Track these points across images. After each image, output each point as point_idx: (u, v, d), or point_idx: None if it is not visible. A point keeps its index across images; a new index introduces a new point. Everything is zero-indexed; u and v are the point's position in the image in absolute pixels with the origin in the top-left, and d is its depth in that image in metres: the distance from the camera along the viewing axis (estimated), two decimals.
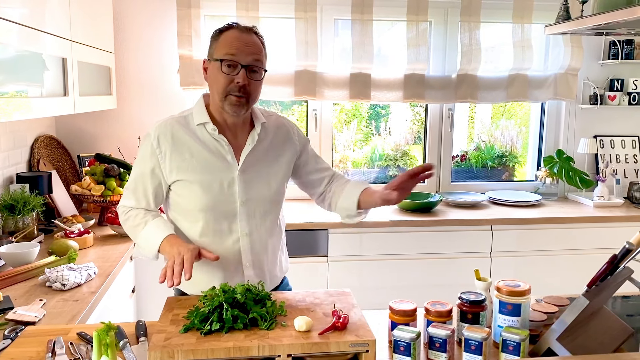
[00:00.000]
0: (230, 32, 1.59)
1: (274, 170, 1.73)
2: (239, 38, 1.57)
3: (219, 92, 1.58)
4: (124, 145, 3.23)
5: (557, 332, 1.31)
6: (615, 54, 3.51)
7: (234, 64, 1.55)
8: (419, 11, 3.27)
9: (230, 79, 1.56)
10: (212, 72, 1.59)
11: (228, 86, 1.56)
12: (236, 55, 1.55)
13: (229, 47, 1.56)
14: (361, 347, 1.29)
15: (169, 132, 1.63)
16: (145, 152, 1.63)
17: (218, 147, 1.64)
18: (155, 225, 1.62)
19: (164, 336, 1.29)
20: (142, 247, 1.64)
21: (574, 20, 1.90)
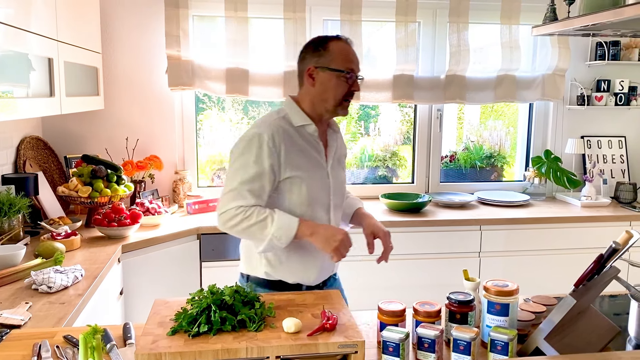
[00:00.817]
0: (339, 44, 1.75)
1: (343, 165, 1.95)
2: (350, 51, 1.76)
3: (337, 98, 1.75)
4: (112, 146, 3.21)
5: (544, 331, 1.31)
6: (601, 55, 3.54)
7: (352, 74, 1.74)
8: (408, 12, 3.28)
9: (347, 87, 1.74)
10: (329, 80, 1.73)
11: (343, 94, 1.75)
12: (353, 67, 1.75)
13: (345, 60, 1.74)
14: (350, 348, 1.29)
15: (281, 131, 1.73)
16: (262, 152, 1.68)
17: (316, 147, 1.80)
18: (283, 214, 1.68)
19: (151, 339, 1.28)
20: (277, 235, 1.66)
21: (560, 21, 1.92)
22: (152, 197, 3.11)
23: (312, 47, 1.77)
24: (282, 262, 1.78)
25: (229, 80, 3.19)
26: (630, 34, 2.12)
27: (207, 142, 3.55)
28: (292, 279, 1.80)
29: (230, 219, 1.68)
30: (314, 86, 1.75)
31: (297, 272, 1.80)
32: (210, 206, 3.16)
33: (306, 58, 1.77)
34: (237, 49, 3.17)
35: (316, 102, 1.77)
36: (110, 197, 2.72)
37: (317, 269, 1.81)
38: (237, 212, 1.67)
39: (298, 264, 1.79)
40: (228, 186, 1.72)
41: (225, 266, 2.88)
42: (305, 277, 1.81)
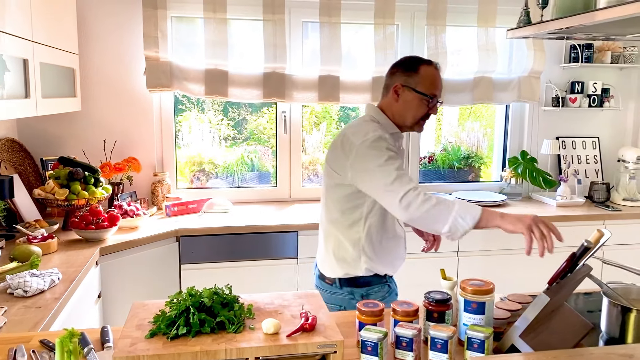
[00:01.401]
0: (430, 69, 1.89)
1: None
2: (437, 77, 1.90)
3: (416, 117, 1.91)
4: (89, 148, 3.17)
5: (519, 329, 1.34)
6: (575, 57, 3.61)
7: (434, 99, 1.89)
8: (386, 15, 3.30)
9: (426, 110, 1.90)
10: (412, 100, 1.88)
11: (421, 115, 1.90)
12: (436, 93, 1.89)
13: (431, 85, 1.88)
14: (329, 348, 1.30)
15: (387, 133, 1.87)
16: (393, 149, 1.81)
17: (402, 152, 2.01)
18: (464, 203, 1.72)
19: (129, 341, 1.27)
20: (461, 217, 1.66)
21: (534, 24, 1.96)
22: (130, 200, 3.08)
23: (404, 67, 1.91)
24: (379, 254, 1.94)
25: (207, 82, 3.18)
26: (602, 37, 2.17)
27: (186, 144, 3.54)
28: (384, 270, 1.98)
29: (412, 201, 1.68)
30: (397, 102, 1.90)
31: (388, 263, 1.98)
32: (189, 208, 3.14)
33: (396, 74, 1.91)
34: (216, 50, 3.16)
35: (396, 115, 1.93)
36: (87, 199, 2.69)
37: (400, 259, 2.04)
38: (415, 193, 1.70)
39: (389, 256, 1.98)
40: (386, 178, 1.73)
41: (205, 268, 2.88)
42: (392, 267, 2.01)
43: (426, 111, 1.90)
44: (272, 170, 3.64)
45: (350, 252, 1.93)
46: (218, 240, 2.90)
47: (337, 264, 1.96)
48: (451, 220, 1.66)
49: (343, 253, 1.95)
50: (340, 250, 1.95)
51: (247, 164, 3.63)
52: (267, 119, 3.62)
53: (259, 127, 3.65)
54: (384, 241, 1.94)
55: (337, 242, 1.96)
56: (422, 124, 1.95)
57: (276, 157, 3.56)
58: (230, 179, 3.62)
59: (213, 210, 3.10)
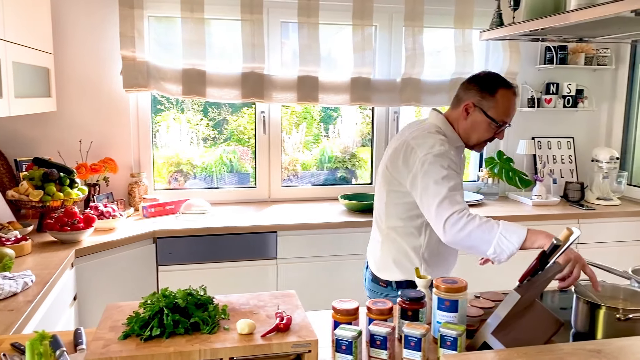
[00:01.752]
0: (508, 94, 1.83)
1: None
2: (512, 104, 1.85)
3: (480, 139, 1.90)
4: (65, 149, 3.13)
5: (492, 326, 1.36)
6: (550, 58, 3.67)
7: (503, 125, 1.85)
8: (364, 16, 3.32)
9: (492, 133, 1.87)
10: (481, 123, 1.85)
11: (486, 137, 1.89)
12: (507, 120, 1.85)
13: (504, 113, 1.84)
14: (303, 348, 1.30)
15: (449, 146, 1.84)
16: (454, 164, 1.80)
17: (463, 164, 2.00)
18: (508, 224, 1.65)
19: (102, 343, 1.26)
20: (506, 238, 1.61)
21: (506, 26, 1.99)
22: (106, 201, 3.05)
23: (481, 85, 1.85)
24: (437, 262, 1.96)
25: (185, 82, 3.17)
26: (573, 39, 2.21)
27: (163, 144, 3.51)
28: (437, 275, 1.91)
29: (455, 223, 1.66)
30: (465, 119, 1.88)
31: (444, 269, 2.00)
32: (167, 209, 3.12)
33: (471, 91, 1.86)
34: (194, 49, 3.14)
35: (461, 132, 1.91)
36: (62, 200, 2.66)
37: (453, 264, 2.06)
38: (459, 215, 1.66)
39: (445, 262, 2.00)
40: (437, 197, 1.71)
41: (183, 270, 2.86)
42: (445, 272, 2.02)
43: (492, 135, 1.88)
44: (251, 170, 3.63)
45: (411, 259, 1.94)
46: (196, 241, 2.88)
47: (396, 268, 1.97)
48: (495, 242, 1.62)
49: (403, 259, 1.96)
50: (400, 255, 1.96)
51: (226, 164, 3.62)
52: (247, 120, 3.61)
53: (239, 128, 3.64)
54: (442, 248, 1.93)
55: (397, 248, 1.97)
56: (484, 146, 1.95)
57: (255, 157, 3.56)
58: (208, 180, 3.60)
59: (191, 211, 3.08)
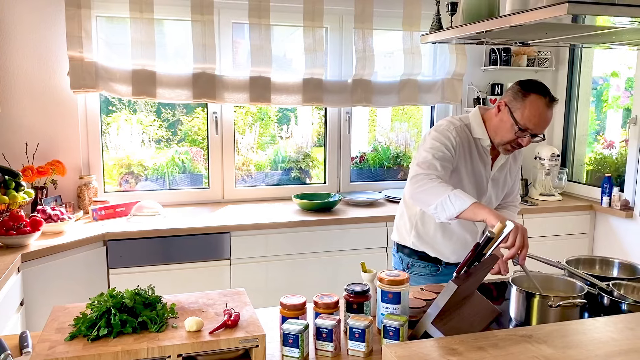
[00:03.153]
0: (538, 101, 1.83)
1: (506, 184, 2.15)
2: (543, 113, 1.84)
3: (503, 141, 1.94)
4: (9, 152, 3.04)
5: (432, 315, 1.43)
6: (494, 60, 3.82)
7: (525, 131, 1.86)
8: (315, 17, 3.37)
9: (516, 138, 1.89)
10: (506, 122, 1.89)
11: (510, 142, 1.92)
12: (530, 127, 1.85)
13: (529, 118, 1.84)
14: (251, 343, 1.34)
15: (464, 136, 1.97)
16: (450, 142, 1.93)
17: (485, 158, 2.03)
18: (462, 192, 1.76)
19: (47, 345, 1.26)
20: (450, 202, 1.73)
21: (444, 30, 2.08)
22: (54, 204, 2.99)
23: (520, 86, 1.89)
24: (429, 236, 2.10)
25: (135, 82, 3.14)
26: (509, 42, 2.33)
27: (114, 146, 3.46)
28: (433, 253, 2.12)
29: (419, 181, 1.84)
30: (496, 116, 1.94)
31: (438, 248, 2.11)
32: (118, 211, 3.08)
33: (510, 91, 1.92)
34: (144, 50, 3.12)
35: (490, 129, 1.98)
36: (7, 204, 2.60)
37: (455, 250, 2.10)
38: (426, 177, 1.84)
39: (440, 243, 2.10)
40: (421, 158, 1.92)
41: (135, 272, 2.84)
42: (442, 253, 2.12)
43: (514, 139, 1.89)
44: (204, 171, 3.62)
45: (405, 223, 2.17)
46: (148, 243, 2.86)
47: (396, 229, 2.25)
48: (440, 200, 1.75)
49: (400, 222, 2.21)
50: (400, 219, 2.22)
51: (179, 165, 3.60)
52: (201, 120, 3.60)
53: (193, 129, 3.63)
54: (433, 227, 2.09)
55: (400, 211, 2.23)
56: (509, 149, 1.96)
57: (208, 158, 3.55)
58: (160, 182, 3.57)
59: (142, 213, 3.05)
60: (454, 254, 2.13)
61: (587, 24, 1.70)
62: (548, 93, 1.85)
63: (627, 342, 1.24)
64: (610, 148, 3.93)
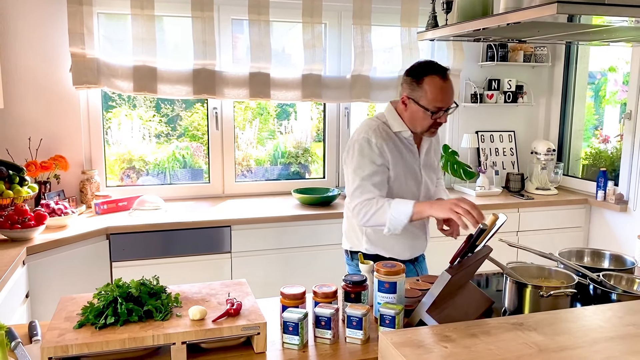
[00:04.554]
0: (434, 80, 1.90)
1: (436, 168, 2.22)
2: (443, 88, 1.91)
3: (424, 128, 1.99)
4: (13, 147, 3.09)
5: (426, 304, 1.48)
6: (491, 56, 3.86)
7: (439, 110, 1.92)
8: (314, 14, 3.41)
9: (432, 120, 1.95)
10: (417, 112, 1.96)
11: (429, 124, 1.97)
12: (441, 106, 1.92)
13: (435, 99, 1.91)
14: (253, 330, 1.39)
15: (385, 135, 2.01)
16: (374, 153, 1.98)
17: (410, 148, 2.07)
18: (397, 201, 1.93)
19: (57, 332, 1.31)
20: (396, 217, 1.91)
21: (439, 28, 2.12)
22: (58, 198, 3.03)
23: (411, 75, 1.95)
24: (380, 239, 2.09)
25: (136, 78, 3.18)
26: (503, 39, 2.37)
27: (115, 141, 3.51)
28: (387, 254, 2.11)
29: (359, 212, 1.97)
30: (406, 111, 2.00)
31: (391, 248, 2.11)
32: (120, 206, 3.13)
33: (404, 85, 1.98)
34: (145, 46, 3.16)
35: (407, 123, 2.03)
36: (12, 198, 2.64)
37: (407, 246, 2.13)
38: (362, 205, 1.96)
39: (392, 242, 2.09)
40: (352, 185, 2.00)
41: (137, 265, 2.89)
42: (397, 252, 2.12)
43: (432, 122, 1.96)
44: (205, 166, 3.67)
45: (355, 231, 2.16)
46: (150, 237, 2.91)
47: (345, 237, 2.24)
48: (388, 222, 1.92)
49: (349, 230, 2.20)
50: (349, 228, 2.20)
51: (179, 160, 3.65)
52: (201, 116, 3.64)
53: (193, 124, 3.67)
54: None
55: (348, 222, 2.21)
56: (434, 131, 2.03)
57: (208, 153, 3.60)
58: (161, 176, 3.62)
59: (144, 207, 3.10)
60: (406, 250, 2.14)
61: (578, 23, 1.74)
62: (437, 68, 1.92)
63: (614, 329, 1.29)
64: (605, 143, 3.98)
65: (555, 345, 1.19)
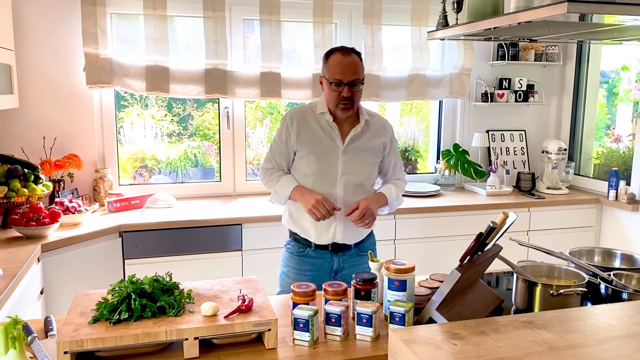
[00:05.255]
0: (337, 56, 2.08)
1: (371, 154, 2.21)
2: (342, 62, 2.06)
3: (332, 103, 2.11)
4: (28, 146, 3.13)
5: (436, 302, 1.49)
6: (502, 55, 3.85)
7: (339, 83, 2.04)
8: (324, 13, 3.42)
9: (338, 93, 2.06)
10: (325, 88, 2.12)
11: (336, 99, 2.08)
12: (339, 78, 2.04)
13: (335, 71, 2.06)
14: (264, 326, 1.41)
15: (300, 114, 2.18)
16: (282, 128, 2.19)
17: (330, 132, 2.16)
18: (287, 179, 2.18)
19: (72, 327, 1.34)
20: (278, 193, 2.19)
21: (450, 27, 2.12)
22: (71, 196, 3.07)
23: (323, 58, 2.13)
24: (296, 217, 2.22)
25: (148, 78, 3.21)
26: (514, 39, 2.37)
27: (128, 140, 3.55)
28: (302, 234, 2.22)
29: (261, 174, 2.27)
30: (323, 90, 2.16)
31: (305, 228, 2.20)
32: (132, 204, 3.17)
33: (322, 65, 2.15)
34: (157, 46, 3.19)
35: (326, 101, 2.15)
36: (27, 196, 2.68)
37: (314, 229, 2.18)
38: (262, 172, 2.26)
39: (306, 221, 2.18)
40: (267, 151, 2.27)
41: (150, 263, 2.92)
42: (309, 234, 2.20)
43: (337, 95, 2.07)
44: (216, 165, 3.70)
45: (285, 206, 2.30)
46: (162, 235, 2.95)
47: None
48: (272, 194, 2.22)
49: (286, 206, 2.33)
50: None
51: (191, 159, 3.68)
52: (212, 115, 3.67)
53: (204, 123, 3.70)
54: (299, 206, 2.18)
55: None
56: (342, 108, 2.09)
57: (220, 152, 3.63)
58: (173, 175, 3.66)
59: (156, 205, 3.14)
60: (320, 236, 2.19)
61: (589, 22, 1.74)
62: (342, 47, 2.10)
63: (625, 328, 1.29)
64: (617, 142, 3.95)
65: (565, 343, 1.20)
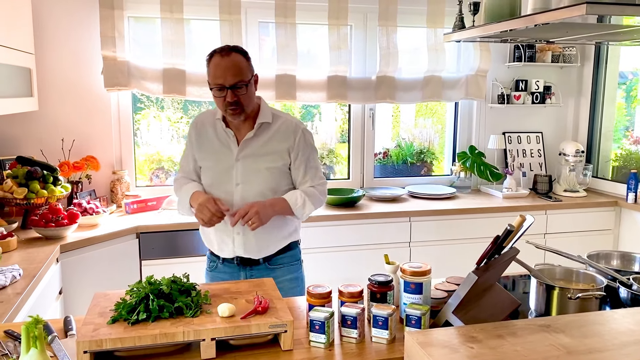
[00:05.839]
0: (213, 59, 1.92)
1: (269, 160, 2.02)
2: (220, 64, 1.89)
3: (220, 108, 1.98)
4: (47, 148, 3.18)
5: (452, 305, 1.48)
6: (519, 57, 3.82)
7: (222, 88, 1.89)
8: (340, 15, 3.43)
9: (223, 99, 1.91)
10: (213, 94, 1.95)
11: (223, 104, 1.93)
12: (220, 82, 1.89)
13: (214, 76, 1.91)
14: (280, 328, 1.41)
15: (200, 122, 2.09)
16: (190, 135, 2.11)
17: (226, 138, 2.03)
18: (189, 187, 2.05)
19: (92, 327, 1.36)
20: (180, 202, 2.07)
21: (466, 29, 2.11)
22: (89, 198, 3.11)
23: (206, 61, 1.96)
24: (204, 228, 2.07)
25: (165, 81, 3.24)
26: (531, 40, 2.35)
27: (144, 142, 3.58)
28: (210, 247, 2.12)
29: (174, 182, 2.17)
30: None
31: (209, 241, 2.11)
32: (149, 205, 3.20)
33: None
34: (174, 49, 3.22)
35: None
36: (47, 198, 2.72)
37: (217, 243, 2.07)
38: (174, 181, 2.16)
39: (211, 234, 2.08)
40: None
41: (166, 264, 2.94)
42: (213, 247, 2.10)
43: (222, 101, 1.91)
44: None
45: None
46: (178, 236, 2.97)
47: None
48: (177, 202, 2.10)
49: None
50: None
51: None
52: None
53: None
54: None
55: None
56: (231, 113, 1.93)
57: None
58: None
59: (173, 207, 3.16)
60: (222, 249, 2.06)
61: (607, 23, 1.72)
62: (220, 48, 1.93)
63: None
64: (637, 144, 3.90)
65: (584, 347, 1.19)
